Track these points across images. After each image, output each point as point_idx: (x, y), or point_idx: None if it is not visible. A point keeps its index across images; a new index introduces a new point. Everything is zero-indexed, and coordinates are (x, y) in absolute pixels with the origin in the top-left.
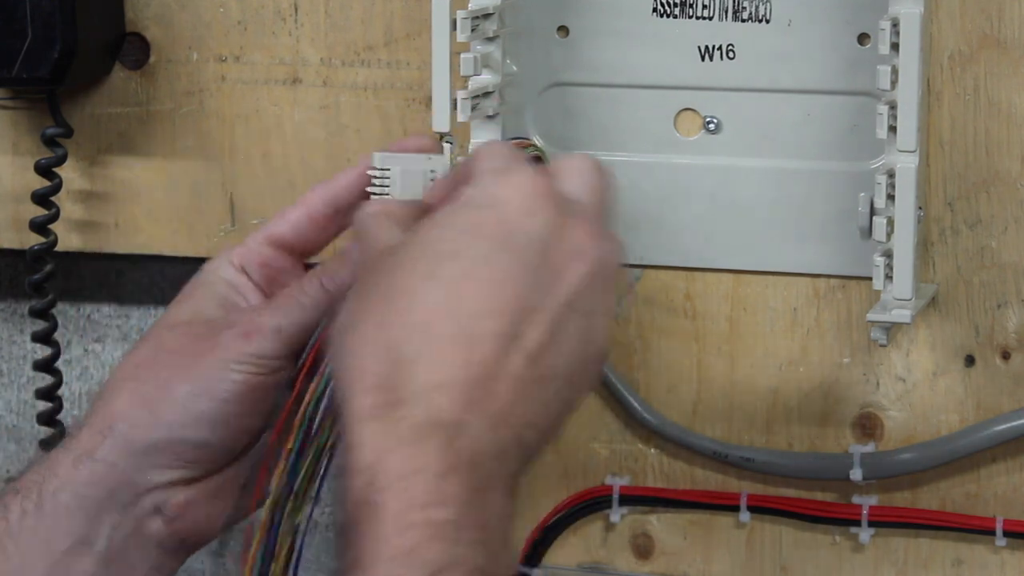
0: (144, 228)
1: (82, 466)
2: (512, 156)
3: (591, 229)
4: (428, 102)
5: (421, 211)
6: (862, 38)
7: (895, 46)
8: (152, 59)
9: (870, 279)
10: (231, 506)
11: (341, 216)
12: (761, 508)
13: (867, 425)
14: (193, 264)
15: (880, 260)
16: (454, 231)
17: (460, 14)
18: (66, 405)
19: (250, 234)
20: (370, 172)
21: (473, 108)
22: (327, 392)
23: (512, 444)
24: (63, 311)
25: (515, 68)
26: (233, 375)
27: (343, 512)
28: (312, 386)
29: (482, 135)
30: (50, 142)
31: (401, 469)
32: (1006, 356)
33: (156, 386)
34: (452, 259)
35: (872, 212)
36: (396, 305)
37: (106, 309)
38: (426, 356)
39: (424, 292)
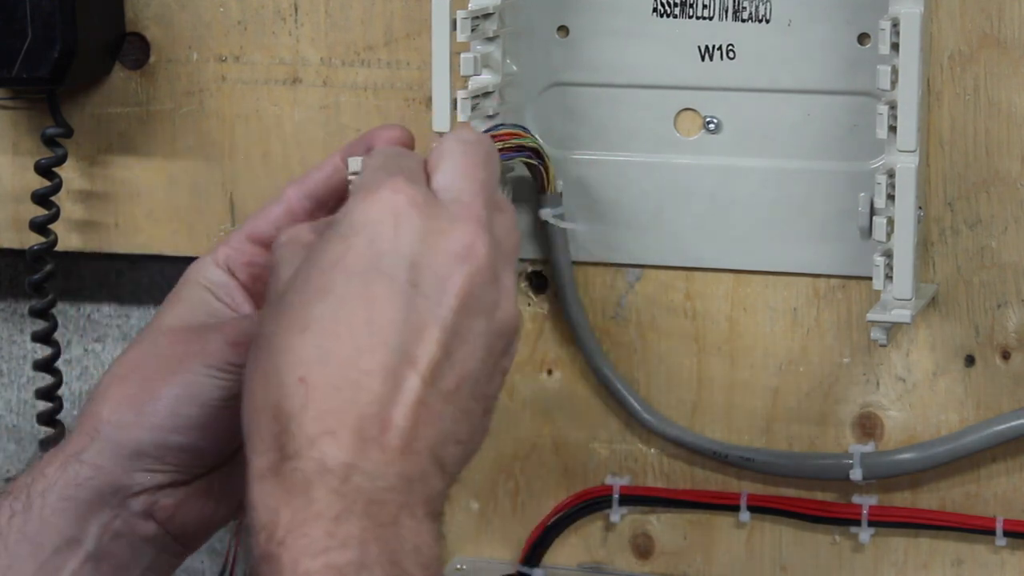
0: (144, 228)
1: (70, 468)
2: (383, 167)
3: (471, 224)
4: (428, 102)
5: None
6: (862, 38)
7: (895, 46)
8: (152, 59)
9: (870, 279)
10: (224, 506)
11: (321, 211)
12: (761, 508)
13: (867, 425)
14: None
15: (880, 260)
16: (321, 269)
17: (460, 14)
18: (66, 405)
19: (232, 232)
20: (350, 177)
21: (473, 108)
22: None
23: (429, 467)
24: (63, 311)
25: (515, 68)
26: (218, 382)
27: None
28: None
29: None
30: (50, 142)
31: (294, 520)
32: (1006, 356)
33: (143, 389)
34: (321, 302)
35: (872, 212)
36: (277, 361)
37: (106, 309)
38: (311, 408)
39: (300, 345)
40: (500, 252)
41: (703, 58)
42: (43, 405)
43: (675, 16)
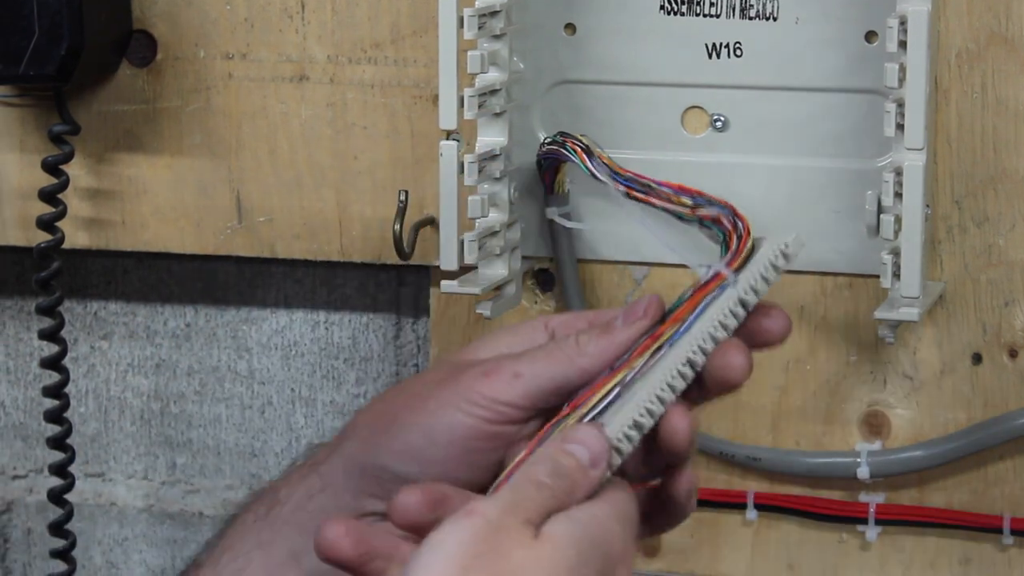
0: (151, 225)
1: (309, 477)
2: (626, 545)
3: None
4: (435, 100)
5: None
6: (869, 36)
7: (903, 44)
8: (159, 56)
9: (877, 277)
10: None
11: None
12: (768, 506)
13: (874, 423)
14: (200, 261)
15: (888, 258)
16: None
17: (467, 11)
18: (72, 402)
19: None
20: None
21: (480, 105)
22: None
23: None
24: (70, 308)
25: (522, 65)
26: (460, 415)
27: None
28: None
29: (489, 132)
30: (57, 139)
31: None
32: (1013, 354)
33: (390, 411)
34: None
35: (880, 210)
36: None
37: (113, 306)
38: None
39: None
40: None
41: (710, 56)
42: (50, 402)
43: (682, 14)
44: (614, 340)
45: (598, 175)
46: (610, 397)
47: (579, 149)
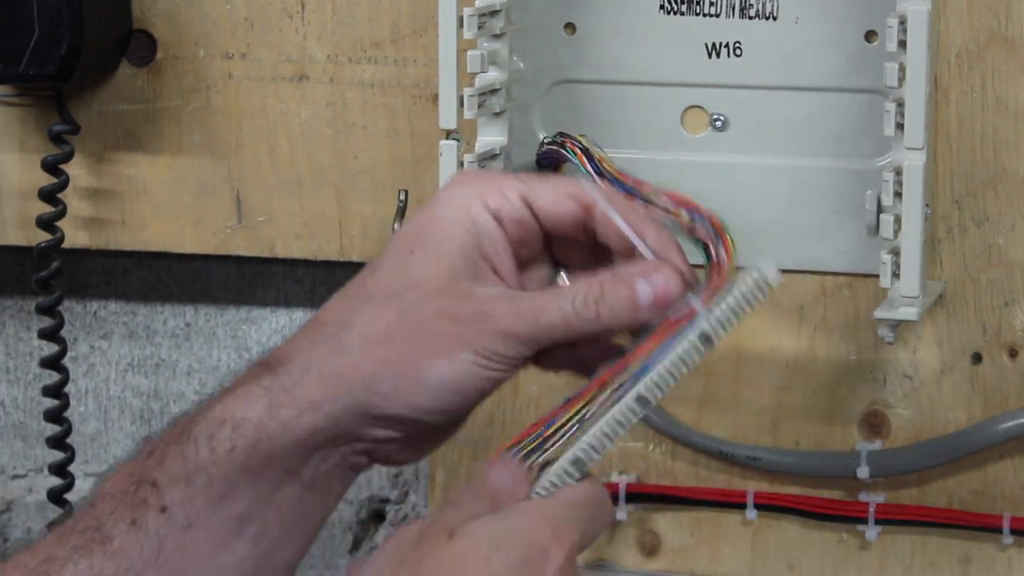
0: (150, 225)
1: (306, 416)
2: (570, 515)
3: None
4: (435, 99)
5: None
6: (869, 35)
7: (902, 43)
8: (159, 56)
9: (877, 277)
10: (438, 444)
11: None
12: (768, 506)
13: (874, 423)
14: (200, 261)
15: (887, 257)
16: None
17: (467, 11)
18: (72, 402)
19: (502, 180)
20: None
21: (480, 105)
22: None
23: None
24: (70, 308)
25: (522, 65)
26: (484, 372)
27: None
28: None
29: (489, 132)
30: (57, 139)
31: None
32: (1013, 354)
33: (407, 363)
34: None
35: (879, 209)
36: None
37: (112, 306)
38: None
39: None
40: None
41: (710, 55)
42: (49, 402)
43: (682, 13)
44: (638, 307)
45: (597, 179)
46: (567, 433)
47: (578, 151)
